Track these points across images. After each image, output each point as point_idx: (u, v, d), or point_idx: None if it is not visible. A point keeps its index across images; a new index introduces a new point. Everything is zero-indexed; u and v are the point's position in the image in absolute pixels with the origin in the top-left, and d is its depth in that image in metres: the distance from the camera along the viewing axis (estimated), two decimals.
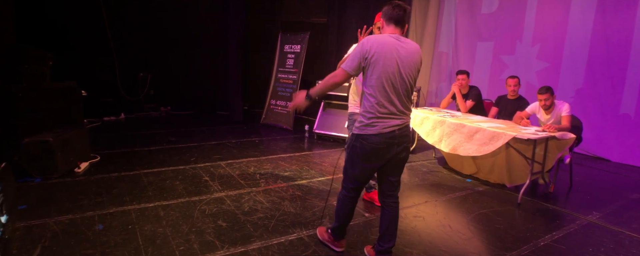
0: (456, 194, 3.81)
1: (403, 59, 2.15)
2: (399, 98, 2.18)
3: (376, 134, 2.17)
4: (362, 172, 2.31)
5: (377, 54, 2.12)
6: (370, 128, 2.18)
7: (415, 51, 2.22)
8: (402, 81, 2.17)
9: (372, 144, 2.19)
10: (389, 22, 2.25)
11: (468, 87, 4.93)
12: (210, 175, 4.03)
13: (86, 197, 3.35)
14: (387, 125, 2.17)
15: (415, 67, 2.23)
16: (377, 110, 2.16)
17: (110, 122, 6.81)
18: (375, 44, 2.13)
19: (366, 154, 2.22)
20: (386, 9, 2.25)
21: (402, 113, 2.21)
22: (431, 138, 4.36)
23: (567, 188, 4.17)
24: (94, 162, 4.40)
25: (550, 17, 5.98)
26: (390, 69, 2.13)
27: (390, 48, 2.13)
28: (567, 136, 3.70)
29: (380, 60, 2.12)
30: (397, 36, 2.20)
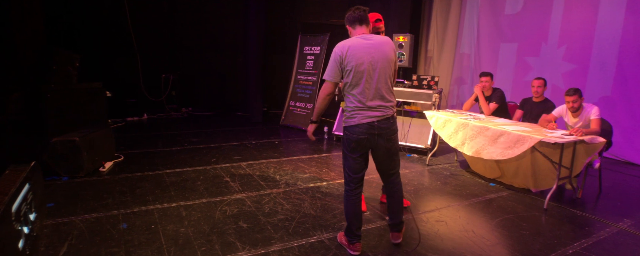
0: (479, 198, 3.73)
1: (374, 55, 2.36)
2: (376, 92, 2.39)
3: (356, 125, 2.40)
4: (353, 162, 2.49)
5: (350, 57, 2.34)
6: (351, 120, 2.42)
7: (385, 43, 2.42)
8: (378, 76, 2.38)
9: (354, 135, 2.41)
10: (353, 24, 2.49)
11: (491, 89, 4.83)
12: (230, 176, 4.06)
13: (110, 196, 3.42)
14: (365, 116, 2.39)
15: (387, 59, 2.40)
16: (355, 105, 2.40)
17: (133, 122, 6.95)
18: (345, 48, 2.36)
19: (351, 144, 2.45)
20: (348, 14, 2.50)
21: (380, 107, 2.41)
22: (453, 141, 4.28)
23: (596, 194, 4.02)
24: (118, 161, 4.49)
25: (577, 17, 5.80)
26: (363, 67, 2.35)
27: (360, 48, 2.36)
28: (596, 140, 3.58)
29: (353, 61, 2.34)
30: (364, 35, 2.42)
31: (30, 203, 2.56)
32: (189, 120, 7.42)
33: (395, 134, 2.53)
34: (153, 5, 7.42)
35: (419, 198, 3.67)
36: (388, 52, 2.41)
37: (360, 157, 2.49)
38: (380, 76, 2.39)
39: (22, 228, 2.32)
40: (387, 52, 2.40)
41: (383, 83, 2.41)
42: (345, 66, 2.37)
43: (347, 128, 2.45)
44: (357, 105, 2.40)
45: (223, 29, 8.05)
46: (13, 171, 2.66)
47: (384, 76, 2.40)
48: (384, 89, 2.41)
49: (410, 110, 5.44)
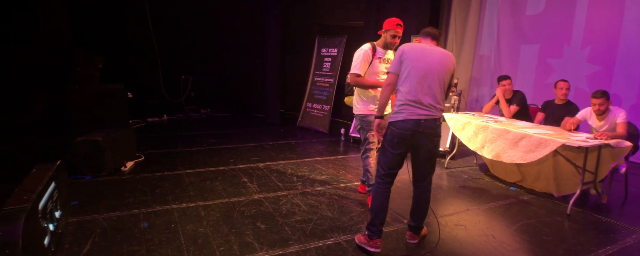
0: (499, 202, 3.66)
1: (432, 59, 2.49)
2: (428, 92, 2.45)
3: (403, 120, 2.44)
4: (392, 157, 2.52)
5: (409, 53, 2.50)
6: (399, 115, 2.46)
7: (446, 54, 2.56)
8: (432, 78, 2.45)
9: (399, 130, 2.45)
10: (426, 37, 2.68)
11: (512, 91, 4.74)
12: (248, 177, 4.09)
13: (132, 195, 3.49)
14: (413, 113, 2.43)
15: (444, 68, 2.51)
16: (406, 99, 2.45)
17: (154, 122, 7.09)
18: (408, 46, 2.54)
19: (394, 139, 2.48)
20: (425, 29, 2.72)
21: (430, 106, 2.45)
22: (473, 144, 4.22)
23: (621, 199, 3.90)
24: (139, 161, 4.58)
25: (602, 17, 5.65)
26: (419, 66, 2.45)
27: (421, 50, 2.53)
28: (622, 144, 3.47)
29: (411, 58, 2.48)
30: (431, 45, 2.61)
31: (55, 201, 2.63)
32: (208, 121, 7.52)
33: (439, 138, 2.57)
34: (173, 8, 7.55)
35: (438, 201, 3.63)
36: (446, 61, 2.53)
37: (400, 154, 2.52)
38: (434, 79, 2.46)
39: (47, 225, 2.39)
40: (445, 61, 2.52)
41: (436, 86, 2.47)
42: (403, 61, 2.49)
43: (393, 123, 2.49)
44: (407, 101, 2.45)
45: (241, 31, 8.14)
46: (40, 169, 2.75)
47: (439, 80, 2.48)
48: (437, 92, 2.48)
49: None
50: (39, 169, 2.76)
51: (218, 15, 8.01)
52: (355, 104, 3.41)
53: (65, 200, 2.92)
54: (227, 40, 8.13)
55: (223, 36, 8.09)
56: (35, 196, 2.27)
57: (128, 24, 7.09)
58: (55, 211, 2.60)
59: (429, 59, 2.49)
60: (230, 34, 8.12)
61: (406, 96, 2.46)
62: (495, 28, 6.97)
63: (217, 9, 7.97)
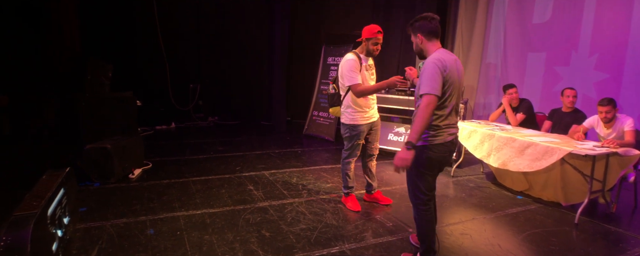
0: (506, 211, 3.63)
1: (459, 74, 2.34)
2: (454, 110, 2.38)
3: (442, 143, 2.33)
4: (432, 180, 2.43)
5: (449, 71, 2.23)
6: (437, 138, 2.32)
7: (461, 64, 2.43)
8: (457, 94, 2.36)
9: (439, 153, 2.33)
10: (430, 36, 2.36)
11: (518, 99, 4.73)
12: (254, 184, 4.11)
13: (139, 202, 3.53)
14: (450, 134, 2.36)
15: (462, 81, 2.43)
16: (444, 123, 2.32)
17: (162, 130, 7.16)
18: (445, 61, 2.22)
19: (433, 163, 2.35)
20: (420, 23, 2.37)
21: (456, 124, 2.46)
22: (479, 153, 4.21)
23: (631, 208, 3.85)
24: (147, 168, 4.63)
25: (609, 24, 5.62)
26: (455, 84, 2.29)
27: (453, 63, 2.28)
28: (631, 152, 3.43)
29: (451, 76, 2.24)
30: (446, 51, 2.35)
31: (64, 208, 2.68)
32: (216, 128, 7.58)
33: None
34: (182, 17, 7.67)
35: (443, 210, 3.61)
36: (463, 72, 2.44)
37: (434, 175, 2.45)
38: (459, 95, 2.40)
39: (56, 231, 2.42)
40: (462, 72, 2.42)
41: (458, 102, 2.40)
42: (446, 79, 2.22)
43: (432, 147, 2.31)
44: (446, 122, 2.32)
45: (248, 39, 8.23)
46: (50, 176, 2.80)
47: (459, 94, 2.40)
48: (457, 108, 2.42)
49: None
50: (49, 175, 2.81)
51: (226, 24, 8.12)
52: (345, 114, 3.37)
53: (73, 206, 2.96)
54: (234, 49, 8.22)
55: (231, 45, 8.19)
56: (45, 203, 2.31)
57: (138, 33, 7.22)
58: (64, 218, 2.64)
59: (458, 74, 2.33)
60: (237, 42, 8.22)
61: (445, 120, 2.32)
62: (502, 36, 6.97)
63: (225, 18, 8.08)
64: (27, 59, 5.76)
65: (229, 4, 8.04)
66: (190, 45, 7.83)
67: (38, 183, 2.64)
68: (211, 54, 8.10)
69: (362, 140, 3.41)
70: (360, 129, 3.33)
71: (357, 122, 3.31)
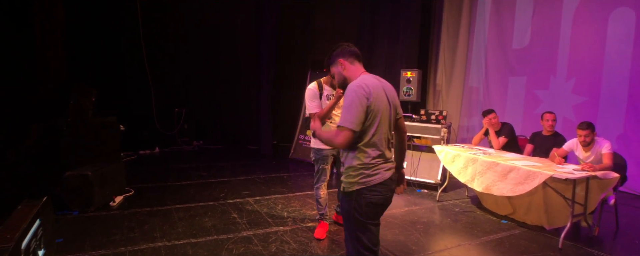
0: (491, 237, 3.64)
1: (389, 99, 2.04)
2: (387, 141, 2.04)
3: (381, 182, 1.96)
4: (375, 231, 1.99)
5: (374, 97, 1.93)
6: (374, 178, 1.95)
7: (392, 87, 2.13)
8: (389, 122, 2.05)
9: (379, 194, 1.96)
10: (352, 59, 2.11)
11: (500, 123, 4.82)
12: (238, 212, 4.05)
13: (119, 232, 3.43)
14: (387, 169, 2.00)
15: (395, 107, 2.12)
16: (377, 159, 1.97)
17: (146, 155, 7.06)
18: (368, 87, 1.93)
19: (376, 209, 1.98)
20: (341, 50, 2.12)
21: (391, 157, 2.09)
22: (463, 177, 4.24)
23: (613, 231, 3.89)
24: (129, 195, 4.53)
25: (584, 50, 5.84)
26: (386, 113, 2.00)
27: (379, 88, 1.99)
28: (610, 175, 3.51)
29: (377, 103, 1.94)
30: (373, 75, 2.08)
31: (39, 239, 2.59)
32: (200, 153, 7.50)
33: None
34: (168, 41, 7.70)
35: (429, 236, 3.60)
36: (397, 99, 2.15)
37: (378, 224, 2.02)
38: (391, 122, 2.06)
39: None
40: (396, 97, 2.13)
41: (392, 132, 2.10)
42: (371, 109, 1.92)
43: (369, 189, 1.94)
44: (380, 157, 1.97)
45: (235, 64, 8.29)
46: (25, 206, 2.71)
47: (391, 123, 2.07)
48: (392, 138, 2.10)
49: (420, 145, 5.43)
50: (24, 206, 2.72)
51: (213, 48, 8.17)
52: (312, 138, 3.49)
53: (50, 237, 2.86)
54: (221, 73, 8.25)
55: (217, 69, 8.22)
56: (19, 235, 2.23)
57: (123, 57, 7.19)
58: (39, 250, 2.55)
59: (387, 99, 2.03)
60: (224, 66, 8.26)
61: (375, 152, 1.96)
62: (483, 61, 7.16)
63: (212, 42, 8.14)
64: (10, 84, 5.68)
65: (216, 29, 8.12)
66: (176, 69, 7.82)
67: (13, 213, 2.55)
68: (198, 78, 8.11)
69: (327, 165, 3.43)
70: (324, 153, 3.37)
71: (320, 146, 3.35)
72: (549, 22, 6.25)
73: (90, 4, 6.56)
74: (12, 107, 5.63)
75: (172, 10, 7.67)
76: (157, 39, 7.50)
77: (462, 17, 7.36)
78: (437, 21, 7.74)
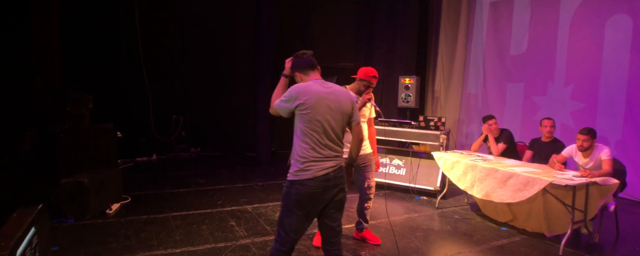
0: (490, 244, 3.61)
1: (332, 105, 2.22)
2: (331, 141, 2.21)
3: (311, 178, 2.14)
4: (298, 220, 2.19)
5: (309, 102, 2.16)
6: (305, 173, 2.14)
7: (343, 93, 2.32)
8: (334, 126, 2.22)
9: (306, 188, 2.14)
10: (305, 70, 2.35)
11: (499, 130, 4.81)
12: (236, 220, 4.01)
13: (115, 240, 3.40)
14: (322, 168, 2.16)
15: (342, 111, 2.27)
16: (311, 155, 2.15)
17: (143, 162, 7.02)
18: (303, 92, 2.19)
19: (302, 199, 2.15)
20: (295, 61, 2.39)
21: (335, 157, 2.24)
22: (463, 184, 4.22)
23: (614, 238, 3.87)
24: (125, 203, 4.49)
25: (582, 56, 5.86)
26: (325, 116, 2.18)
27: (321, 95, 2.20)
28: (609, 181, 3.49)
29: (311, 108, 2.16)
30: (321, 82, 2.29)
31: (34, 248, 2.55)
32: (198, 160, 7.46)
33: (345, 183, 2.32)
34: (166, 47, 7.70)
35: (428, 243, 3.57)
36: (345, 102, 2.29)
37: (308, 215, 2.20)
38: (337, 126, 2.23)
39: None
40: (344, 102, 2.28)
41: (339, 132, 2.26)
42: (300, 110, 2.17)
43: (299, 183, 2.15)
44: (314, 154, 2.16)
45: (233, 70, 8.28)
46: (21, 214, 2.68)
47: (339, 127, 2.25)
48: (338, 139, 2.26)
49: (419, 151, 5.41)
50: (20, 213, 2.68)
51: (212, 54, 8.17)
52: None
53: (45, 246, 2.82)
54: (219, 80, 8.24)
55: (215, 75, 8.21)
56: (14, 243, 2.20)
57: (121, 63, 7.18)
58: None
59: (330, 105, 2.22)
60: (223, 73, 8.25)
61: (312, 152, 2.17)
62: (481, 67, 7.18)
63: (211, 49, 8.14)
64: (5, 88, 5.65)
65: (214, 35, 8.13)
66: (174, 76, 7.81)
67: (8, 221, 2.52)
68: (196, 85, 8.10)
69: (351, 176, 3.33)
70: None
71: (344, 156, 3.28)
72: (546, 29, 6.28)
73: (88, 10, 6.56)
74: (9, 112, 5.60)
75: (170, 17, 7.68)
76: (155, 45, 7.50)
77: (460, 24, 7.39)
78: (435, 27, 7.77)
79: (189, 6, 7.84)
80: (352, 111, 2.34)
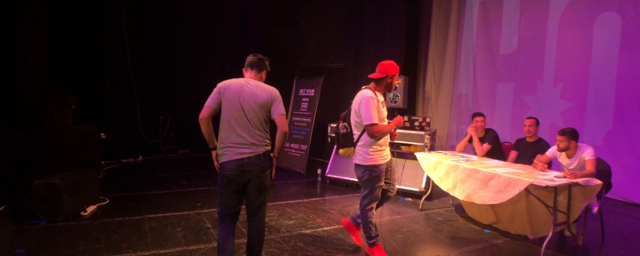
0: (471, 247, 3.51)
1: (247, 98, 2.55)
2: (247, 130, 2.53)
3: (227, 161, 2.52)
4: (227, 197, 2.61)
5: (226, 94, 2.57)
6: (223, 157, 2.55)
7: (262, 88, 2.62)
8: (250, 117, 2.54)
9: (225, 171, 2.54)
10: (245, 67, 2.75)
11: (485, 129, 4.72)
12: (213, 222, 3.91)
13: (85, 243, 3.31)
14: (236, 153, 2.51)
15: (258, 103, 2.56)
16: (227, 141, 2.54)
17: (128, 163, 6.92)
18: (224, 85, 2.61)
19: (223, 180, 2.57)
20: (247, 59, 2.76)
21: (251, 144, 2.53)
22: (445, 185, 4.12)
23: (599, 240, 3.77)
24: (103, 204, 4.39)
25: (571, 55, 5.77)
26: (234, 106, 2.54)
27: (238, 89, 2.57)
28: (592, 182, 3.39)
29: (228, 99, 2.56)
30: (247, 79, 2.66)
31: None
32: (185, 161, 7.37)
33: (267, 172, 2.63)
34: (154, 48, 7.60)
35: (407, 247, 3.47)
36: (261, 96, 2.57)
37: (233, 193, 2.59)
38: (252, 118, 2.53)
39: None
40: (260, 96, 2.57)
41: (254, 124, 2.54)
42: (221, 100, 2.57)
43: (222, 165, 2.56)
44: (229, 142, 2.53)
45: (222, 71, 8.17)
46: None
47: (256, 118, 2.54)
48: (255, 129, 2.54)
49: (403, 152, 5.32)
50: None
51: (200, 54, 8.09)
52: (361, 154, 3.08)
53: (6, 248, 2.73)
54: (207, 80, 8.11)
55: (203, 76, 8.11)
56: None
57: (108, 63, 7.08)
58: None
59: (244, 98, 2.56)
60: (211, 73, 8.15)
61: (228, 138, 2.55)
62: (472, 67, 7.09)
63: (197, 49, 8.05)
64: None
65: (201, 34, 8.04)
66: (161, 77, 7.71)
67: None
68: (183, 85, 8.00)
69: (382, 182, 3.13)
70: (381, 169, 3.06)
71: (377, 162, 3.04)
72: (535, 27, 6.19)
73: (74, 11, 6.48)
74: None
75: (157, 17, 7.59)
76: (142, 46, 7.40)
77: (450, 23, 7.30)
78: (425, 27, 7.68)
79: (176, 6, 7.75)
80: (271, 104, 2.60)
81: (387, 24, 7.23)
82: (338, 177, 5.73)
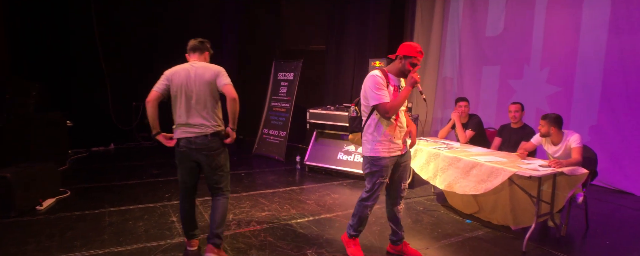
0: (452, 239, 3.33)
1: (194, 79, 2.67)
2: (195, 111, 2.66)
3: (178, 138, 2.71)
4: (182, 173, 2.80)
5: (174, 79, 2.71)
6: (175, 134, 2.73)
7: (207, 69, 2.72)
8: (196, 98, 2.66)
9: (178, 147, 2.73)
10: (188, 51, 2.90)
11: (468, 115, 4.52)
12: (178, 215, 3.67)
13: (36, 240, 3.05)
14: (184, 132, 2.68)
15: (205, 83, 2.67)
16: (178, 120, 2.71)
17: (99, 152, 6.61)
18: (172, 71, 2.76)
19: (177, 156, 2.77)
20: (189, 42, 2.91)
21: (201, 125, 2.67)
22: (425, 173, 3.93)
23: (582, 231, 3.63)
24: (63, 197, 4.11)
25: (559, 38, 5.57)
26: (182, 89, 2.67)
27: (183, 73, 2.71)
28: (578, 171, 3.22)
29: (175, 83, 2.70)
30: (192, 62, 2.80)
31: None
32: (159, 149, 7.05)
33: (216, 151, 2.73)
34: (126, 31, 7.18)
35: (384, 239, 3.27)
36: (206, 74, 2.67)
37: (185, 169, 2.76)
38: (200, 98, 2.65)
39: None
40: (205, 74, 2.67)
41: (202, 104, 2.66)
42: (170, 86, 2.69)
43: (176, 143, 2.73)
44: (178, 121, 2.69)
45: None
46: None
47: (204, 98, 2.66)
48: (204, 110, 2.66)
49: None
50: None
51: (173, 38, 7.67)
52: (365, 144, 2.80)
53: None
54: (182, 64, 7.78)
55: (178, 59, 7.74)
56: None
57: (75, 47, 6.67)
58: None
59: (190, 80, 2.68)
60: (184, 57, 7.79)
61: (177, 118, 2.72)
62: (457, 50, 6.86)
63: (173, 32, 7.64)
64: None
65: (177, 16, 7.61)
66: (133, 61, 7.30)
67: None
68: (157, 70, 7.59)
69: (386, 179, 2.78)
70: (383, 163, 2.71)
71: (379, 154, 2.71)
72: (522, 8, 5.96)
73: None
74: None
75: None
76: (112, 29, 6.98)
77: (436, 4, 7.03)
78: (410, 9, 7.38)
79: None
80: (216, 78, 2.68)
81: (372, 5, 6.92)
82: (317, 165, 5.50)
